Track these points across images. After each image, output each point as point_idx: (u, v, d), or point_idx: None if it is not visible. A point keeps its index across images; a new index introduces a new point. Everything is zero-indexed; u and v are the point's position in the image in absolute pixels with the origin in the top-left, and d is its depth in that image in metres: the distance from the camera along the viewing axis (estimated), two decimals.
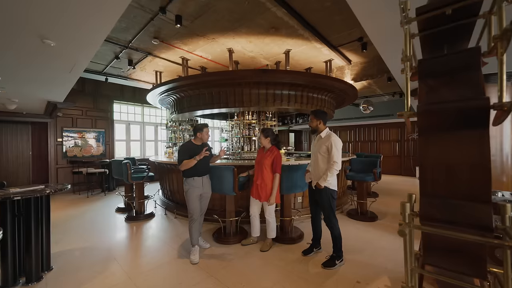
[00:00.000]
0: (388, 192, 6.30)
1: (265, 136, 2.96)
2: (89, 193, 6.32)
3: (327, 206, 2.50)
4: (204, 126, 2.87)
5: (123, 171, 4.15)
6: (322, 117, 2.57)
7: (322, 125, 2.58)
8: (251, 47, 4.06)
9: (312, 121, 2.60)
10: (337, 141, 2.44)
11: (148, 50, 4.24)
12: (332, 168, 2.38)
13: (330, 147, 2.42)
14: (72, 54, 2.60)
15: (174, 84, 4.22)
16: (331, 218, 2.50)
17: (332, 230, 2.52)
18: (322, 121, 2.57)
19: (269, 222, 2.97)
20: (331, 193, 2.50)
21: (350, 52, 4.23)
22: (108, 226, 3.83)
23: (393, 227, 3.71)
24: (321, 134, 2.56)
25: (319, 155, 2.51)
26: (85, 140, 6.90)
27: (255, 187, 2.97)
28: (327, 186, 2.46)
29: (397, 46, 2.42)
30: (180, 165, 2.74)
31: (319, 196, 2.53)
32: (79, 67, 2.96)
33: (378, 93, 7.60)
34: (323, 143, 2.49)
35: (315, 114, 2.59)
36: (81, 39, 2.32)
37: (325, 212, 2.53)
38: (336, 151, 2.39)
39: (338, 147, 2.41)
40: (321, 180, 2.44)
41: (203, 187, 2.88)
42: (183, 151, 2.79)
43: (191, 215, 2.80)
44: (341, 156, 2.45)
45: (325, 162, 2.49)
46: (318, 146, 2.55)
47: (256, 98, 4.17)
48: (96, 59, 4.69)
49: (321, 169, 2.51)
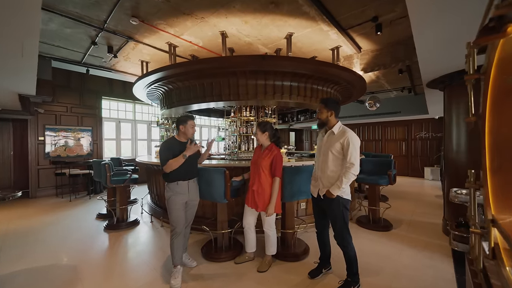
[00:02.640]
0: (397, 195, 5.79)
1: (262, 131, 2.45)
2: (73, 196, 5.81)
3: (339, 220, 1.98)
4: (189, 118, 2.36)
5: (102, 173, 3.65)
6: (334, 108, 2.04)
7: (334, 118, 2.05)
8: (247, 30, 3.52)
9: (322, 112, 2.06)
10: (354, 138, 1.93)
11: (128, 34, 3.71)
12: (349, 172, 1.87)
13: (346, 145, 1.90)
14: (8, 28, 2.08)
15: (161, 74, 3.71)
16: (344, 235, 1.99)
17: (346, 250, 2.00)
18: (334, 113, 2.04)
19: (268, 236, 2.46)
20: (345, 204, 1.98)
21: (361, 36, 3.70)
22: (83, 237, 3.32)
23: (411, 238, 3.20)
24: (333, 129, 2.02)
25: (331, 154, 1.99)
26: (70, 139, 6.38)
27: (250, 194, 2.46)
28: (340, 195, 1.95)
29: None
30: (164, 165, 2.24)
31: (329, 207, 2.02)
32: (29, 48, 2.44)
33: (386, 88, 7.09)
34: (336, 139, 1.97)
35: (326, 103, 2.05)
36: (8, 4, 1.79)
37: (336, 227, 2.01)
38: (354, 150, 1.88)
39: (356, 145, 1.90)
40: (334, 188, 1.92)
41: (189, 193, 2.38)
42: (166, 149, 2.28)
43: (174, 228, 2.29)
44: (359, 157, 1.94)
45: (338, 165, 1.97)
46: (328, 144, 2.02)
47: (254, 90, 3.66)
48: (69, 44, 4.18)
49: (331, 173, 1.99)
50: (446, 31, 2.08)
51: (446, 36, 2.15)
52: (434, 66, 2.81)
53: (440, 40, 2.24)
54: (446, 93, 3.44)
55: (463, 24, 1.92)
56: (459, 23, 1.92)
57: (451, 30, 2.06)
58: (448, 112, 3.39)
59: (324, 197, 2.02)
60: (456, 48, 2.39)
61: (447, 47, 2.38)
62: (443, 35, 2.13)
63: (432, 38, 2.23)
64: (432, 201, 5.37)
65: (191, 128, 2.36)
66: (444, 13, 1.85)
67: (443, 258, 2.64)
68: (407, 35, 3.71)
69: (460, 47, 2.34)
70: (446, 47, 2.38)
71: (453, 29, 2.04)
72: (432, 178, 8.42)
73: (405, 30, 3.54)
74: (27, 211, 4.67)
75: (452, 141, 3.30)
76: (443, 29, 2.04)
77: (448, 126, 3.41)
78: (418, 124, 9.13)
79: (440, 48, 2.40)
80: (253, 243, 2.58)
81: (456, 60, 2.70)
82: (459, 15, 1.83)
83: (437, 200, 5.40)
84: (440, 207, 4.86)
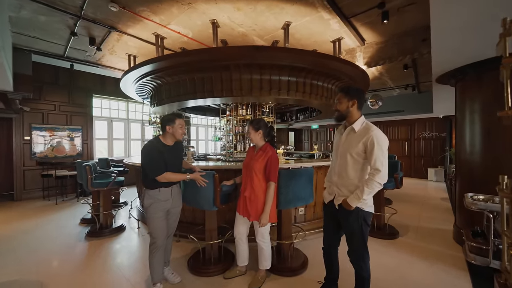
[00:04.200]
0: (401, 198, 5.50)
1: (255, 129, 2.14)
2: (61, 199, 5.51)
3: (357, 236, 1.62)
4: (176, 117, 2.05)
5: (83, 175, 3.36)
6: (357, 96, 1.62)
7: (356, 110, 1.63)
8: (241, 18, 3.19)
9: (341, 102, 1.64)
10: (381, 136, 1.52)
11: (110, 23, 3.39)
12: (373, 180, 1.49)
13: (370, 145, 1.51)
14: None
15: (147, 68, 3.42)
16: (362, 253, 1.64)
17: (361, 270, 1.66)
18: (356, 103, 1.62)
19: (261, 248, 2.17)
20: (365, 217, 1.62)
21: (365, 26, 3.38)
22: (59, 246, 3.03)
23: (421, 248, 2.91)
24: (354, 126, 1.61)
25: (350, 157, 1.60)
26: (58, 139, 6.09)
27: (242, 201, 2.17)
28: (360, 207, 1.60)
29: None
30: (158, 176, 1.91)
31: (346, 220, 1.65)
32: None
33: (389, 85, 6.79)
34: (357, 139, 1.58)
35: (347, 91, 1.64)
36: None
37: (353, 243, 1.66)
38: (380, 152, 1.49)
39: (383, 146, 1.50)
40: (352, 198, 1.56)
41: (172, 200, 2.09)
42: (157, 155, 1.94)
43: (154, 240, 2.00)
44: (387, 161, 1.54)
45: (359, 169, 1.60)
46: (348, 144, 1.63)
47: (248, 85, 3.37)
48: (47, 35, 3.83)
49: (351, 179, 1.62)
50: (470, 13, 1.78)
51: (469, 19, 1.85)
52: (450, 55, 2.50)
53: (461, 24, 1.94)
54: (458, 89, 3.15)
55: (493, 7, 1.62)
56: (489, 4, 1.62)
57: (475, 13, 1.77)
58: (461, 109, 3.10)
59: (339, 207, 1.68)
60: (474, 36, 2.10)
61: (466, 34, 2.09)
62: (465, 17, 1.84)
63: (452, 22, 1.93)
64: (438, 204, 5.08)
65: (180, 129, 2.05)
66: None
67: (458, 273, 2.35)
68: (416, 24, 3.40)
69: (480, 34, 2.05)
70: (466, 34, 2.08)
71: (476, 12, 1.75)
72: (436, 179, 8.14)
73: (414, 18, 3.23)
74: (8, 215, 4.37)
75: (465, 141, 3.01)
76: (467, 10, 1.75)
77: (460, 124, 3.11)
78: (421, 124, 8.84)
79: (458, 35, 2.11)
80: (245, 256, 2.29)
81: (472, 50, 2.42)
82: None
83: (443, 203, 5.11)
84: (447, 211, 4.58)
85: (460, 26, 1.97)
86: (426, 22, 3.31)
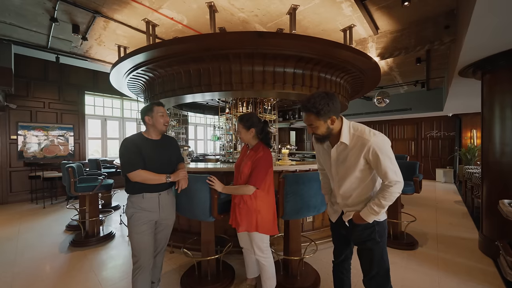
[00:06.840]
0: (413, 201, 5.15)
1: (246, 127, 1.78)
2: (50, 202, 5.18)
3: (376, 256, 1.30)
4: (155, 105, 1.72)
5: (65, 178, 3.02)
6: (330, 110, 1.22)
7: (337, 122, 1.28)
8: (242, 1, 2.77)
9: (318, 126, 1.26)
10: (381, 142, 1.21)
11: (94, 6, 3.01)
12: (391, 192, 1.19)
13: (374, 158, 1.20)
14: None
15: (138, 59, 3.07)
16: (381, 279, 1.31)
17: None
18: (333, 116, 1.25)
19: (262, 265, 1.81)
20: (381, 232, 1.31)
21: (381, 11, 2.99)
22: (37, 258, 2.69)
23: (446, 260, 2.57)
24: (343, 139, 1.27)
25: (354, 177, 1.29)
26: (47, 138, 5.74)
27: (232, 209, 1.85)
28: (377, 218, 1.28)
29: None
30: (129, 172, 1.59)
31: (359, 236, 1.34)
32: None
33: (397, 82, 6.44)
34: (354, 154, 1.26)
35: (317, 112, 1.21)
36: None
37: (370, 266, 1.32)
38: (388, 160, 1.19)
39: (388, 152, 1.21)
40: (366, 212, 1.25)
41: (161, 210, 1.74)
42: (134, 148, 1.62)
43: (136, 259, 1.66)
44: (397, 164, 1.22)
45: (368, 181, 1.30)
46: (344, 161, 1.30)
47: (250, 78, 3.03)
48: (24, 21, 3.43)
49: (359, 197, 1.32)
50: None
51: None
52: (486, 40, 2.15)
53: None
54: (486, 82, 2.80)
55: None
56: None
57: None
58: (489, 105, 2.76)
59: (349, 222, 1.37)
60: None
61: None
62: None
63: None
64: (453, 208, 4.73)
65: (160, 117, 1.70)
66: None
67: None
68: (439, 9, 3.01)
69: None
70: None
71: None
72: (444, 180, 7.80)
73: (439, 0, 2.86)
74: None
75: (495, 141, 2.67)
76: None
77: (488, 122, 2.77)
78: (429, 123, 8.50)
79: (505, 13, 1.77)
80: (254, 267, 1.98)
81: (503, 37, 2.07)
82: None
83: (458, 207, 4.77)
84: (464, 215, 4.24)
85: None
86: (452, 5, 2.97)
